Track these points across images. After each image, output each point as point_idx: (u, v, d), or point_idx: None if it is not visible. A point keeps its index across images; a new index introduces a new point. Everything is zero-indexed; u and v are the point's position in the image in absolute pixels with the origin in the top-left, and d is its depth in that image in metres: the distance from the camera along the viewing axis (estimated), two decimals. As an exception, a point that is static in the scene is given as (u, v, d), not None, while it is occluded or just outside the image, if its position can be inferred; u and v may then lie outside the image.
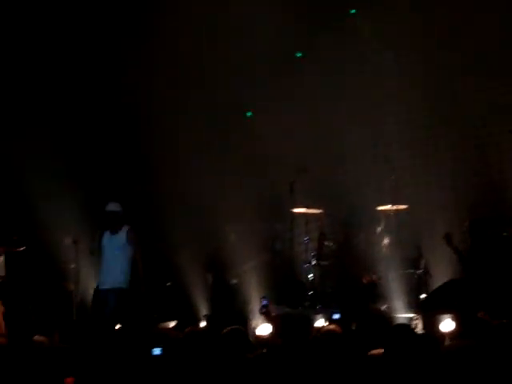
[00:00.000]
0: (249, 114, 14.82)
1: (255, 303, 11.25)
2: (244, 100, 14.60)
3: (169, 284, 13.45)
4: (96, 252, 10.85)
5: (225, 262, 12.30)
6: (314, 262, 13.20)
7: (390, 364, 6.01)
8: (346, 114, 13.86)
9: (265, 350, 6.89)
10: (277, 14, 13.37)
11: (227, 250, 12.51)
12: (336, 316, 10.92)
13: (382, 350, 6.30)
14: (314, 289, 13.04)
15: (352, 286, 12.73)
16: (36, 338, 7.80)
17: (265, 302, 9.56)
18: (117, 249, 10.62)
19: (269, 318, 8.83)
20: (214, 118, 14.30)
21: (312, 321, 12.18)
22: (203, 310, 12.72)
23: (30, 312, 9.14)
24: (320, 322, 12.16)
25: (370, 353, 6.37)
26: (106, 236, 10.75)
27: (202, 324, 12.04)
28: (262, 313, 9.83)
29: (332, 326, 6.67)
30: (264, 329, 10.13)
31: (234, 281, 12.19)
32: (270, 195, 14.58)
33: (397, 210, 13.10)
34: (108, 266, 10.60)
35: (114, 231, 10.73)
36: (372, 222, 13.44)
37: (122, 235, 10.69)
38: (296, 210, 13.79)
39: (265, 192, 14.51)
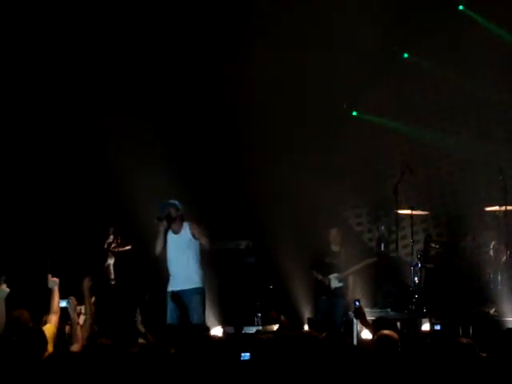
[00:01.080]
0: (354, 113, 14.65)
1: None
2: (348, 100, 14.46)
3: (271, 287, 13.42)
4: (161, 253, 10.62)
5: (328, 265, 12.15)
6: (419, 265, 12.95)
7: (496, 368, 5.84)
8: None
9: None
10: (380, 14, 13.21)
11: (331, 253, 12.36)
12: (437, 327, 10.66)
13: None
14: (420, 292, 12.78)
15: (459, 289, 12.44)
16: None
17: (357, 304, 9.36)
18: (183, 248, 10.30)
19: (364, 321, 8.61)
20: (317, 117, 14.20)
21: (418, 325, 12.08)
22: (306, 313, 12.67)
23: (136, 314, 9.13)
24: (426, 326, 12.00)
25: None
26: (170, 237, 10.51)
27: (305, 328, 11.98)
28: (355, 316, 9.63)
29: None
30: (367, 333, 9.98)
31: (339, 284, 12.04)
32: (374, 197, 14.36)
33: (506, 211, 12.69)
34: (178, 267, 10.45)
35: (176, 231, 10.41)
36: (480, 223, 13.09)
37: (185, 233, 10.41)
38: (401, 212, 13.57)
39: (369, 193, 14.31)
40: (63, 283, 7.88)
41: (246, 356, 6.11)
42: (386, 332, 6.60)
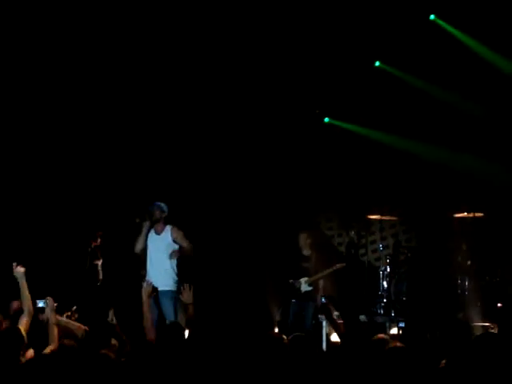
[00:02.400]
0: (326, 119, 14.74)
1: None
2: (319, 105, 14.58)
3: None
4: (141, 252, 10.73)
5: (299, 269, 12.28)
6: (388, 270, 13.15)
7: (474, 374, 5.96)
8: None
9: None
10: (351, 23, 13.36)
11: (302, 257, 12.49)
12: (401, 324, 10.85)
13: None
14: (388, 297, 12.97)
15: (427, 294, 12.63)
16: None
17: (324, 301, 9.52)
18: (163, 249, 10.51)
19: (329, 317, 8.70)
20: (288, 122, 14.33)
21: (386, 329, 12.26)
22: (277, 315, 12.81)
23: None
24: (394, 330, 12.19)
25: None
26: (152, 237, 10.63)
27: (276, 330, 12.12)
28: (321, 311, 9.77)
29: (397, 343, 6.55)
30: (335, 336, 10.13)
31: (309, 288, 12.16)
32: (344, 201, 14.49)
33: (473, 217, 12.93)
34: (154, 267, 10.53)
35: (158, 232, 10.62)
36: (448, 229, 13.30)
37: (166, 236, 10.57)
38: (371, 217, 13.77)
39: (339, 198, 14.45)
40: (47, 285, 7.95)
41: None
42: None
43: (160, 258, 10.41)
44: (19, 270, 8.03)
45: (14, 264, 8.01)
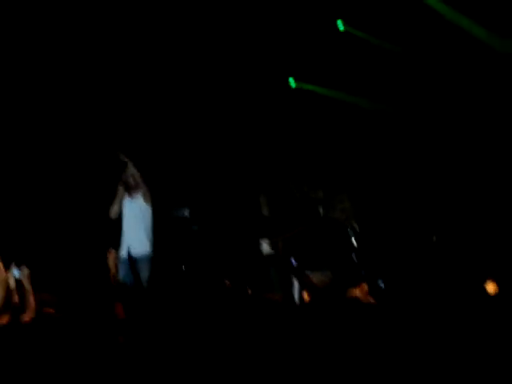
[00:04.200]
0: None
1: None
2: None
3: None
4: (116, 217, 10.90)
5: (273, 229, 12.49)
6: (357, 228, 13.37)
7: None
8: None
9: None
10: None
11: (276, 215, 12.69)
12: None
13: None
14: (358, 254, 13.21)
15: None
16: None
17: (294, 262, 9.70)
18: (137, 215, 10.63)
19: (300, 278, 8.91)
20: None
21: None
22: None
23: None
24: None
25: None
26: (126, 202, 10.74)
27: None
28: (294, 274, 9.99)
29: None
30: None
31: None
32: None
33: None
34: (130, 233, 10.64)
35: (131, 196, 10.76)
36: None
37: (139, 199, 10.75)
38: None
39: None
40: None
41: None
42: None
43: (136, 222, 10.54)
44: None
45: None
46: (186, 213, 13.71)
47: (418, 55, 13.57)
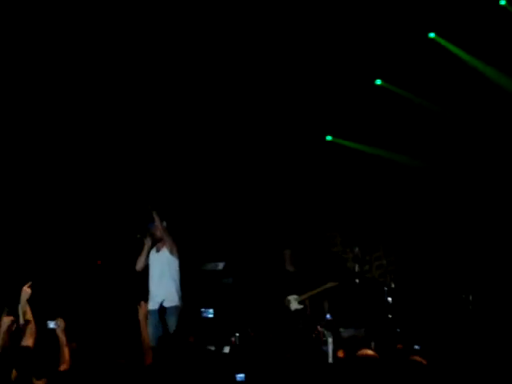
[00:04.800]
0: (329, 137, 14.78)
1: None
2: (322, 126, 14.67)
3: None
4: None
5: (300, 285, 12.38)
6: (393, 286, 13.20)
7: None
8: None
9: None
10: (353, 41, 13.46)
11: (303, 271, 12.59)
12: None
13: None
14: (394, 313, 13.02)
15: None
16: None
17: (328, 317, 9.57)
18: (163, 267, 10.59)
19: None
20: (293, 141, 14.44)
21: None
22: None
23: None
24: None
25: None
26: (152, 255, 10.68)
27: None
28: (328, 329, 9.85)
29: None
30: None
31: (299, 306, 12.22)
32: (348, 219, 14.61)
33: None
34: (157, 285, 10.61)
35: (158, 249, 10.71)
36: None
37: (165, 251, 10.67)
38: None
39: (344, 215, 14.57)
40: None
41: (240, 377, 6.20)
42: (367, 352, 6.78)
43: (163, 274, 10.49)
44: (26, 291, 8.16)
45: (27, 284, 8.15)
46: (220, 266, 13.66)
47: (457, 114, 13.51)
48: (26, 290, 8.23)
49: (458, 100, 13.47)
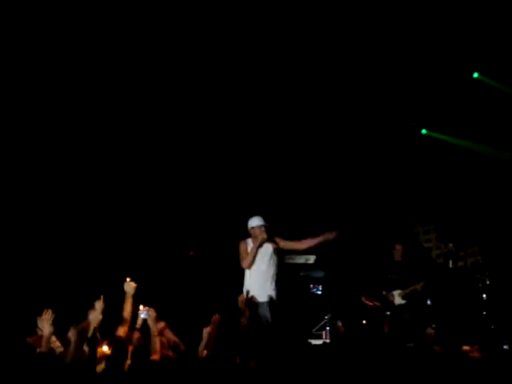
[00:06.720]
0: (424, 131, 14.66)
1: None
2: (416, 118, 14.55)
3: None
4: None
5: (392, 281, 12.32)
6: (488, 282, 13.00)
7: None
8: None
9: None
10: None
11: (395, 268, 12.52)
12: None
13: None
14: (488, 309, 12.84)
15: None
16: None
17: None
18: (266, 262, 10.66)
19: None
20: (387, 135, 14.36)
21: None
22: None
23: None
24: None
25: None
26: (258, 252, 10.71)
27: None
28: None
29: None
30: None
31: (403, 301, 12.19)
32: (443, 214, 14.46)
33: None
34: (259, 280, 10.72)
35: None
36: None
37: (268, 247, 10.77)
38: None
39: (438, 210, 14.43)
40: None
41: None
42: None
43: (265, 270, 10.65)
44: (131, 285, 8.40)
45: (128, 278, 8.37)
46: (311, 260, 13.70)
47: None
48: (131, 284, 8.46)
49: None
